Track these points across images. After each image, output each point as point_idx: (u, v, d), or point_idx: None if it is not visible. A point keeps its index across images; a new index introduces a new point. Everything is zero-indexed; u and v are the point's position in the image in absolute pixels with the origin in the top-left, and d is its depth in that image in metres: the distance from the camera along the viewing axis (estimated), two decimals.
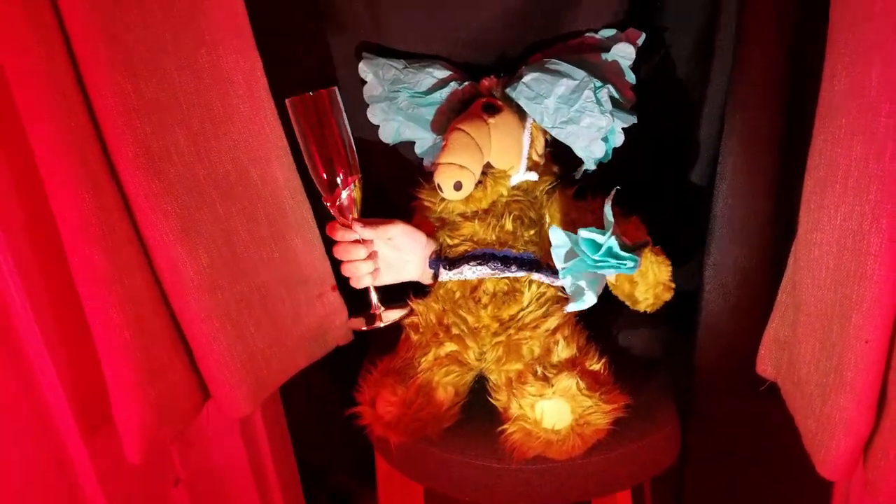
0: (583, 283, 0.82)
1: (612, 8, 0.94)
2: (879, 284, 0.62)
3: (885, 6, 0.56)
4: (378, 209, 1.02)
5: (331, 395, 1.24)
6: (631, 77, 0.94)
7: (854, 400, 0.67)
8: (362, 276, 0.92)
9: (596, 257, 0.79)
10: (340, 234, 0.91)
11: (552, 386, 0.82)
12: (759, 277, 0.82)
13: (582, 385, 0.82)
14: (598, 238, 0.79)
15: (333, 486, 1.38)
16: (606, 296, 0.98)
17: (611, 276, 0.89)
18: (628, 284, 0.89)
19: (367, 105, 1.04)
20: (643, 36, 0.93)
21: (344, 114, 0.90)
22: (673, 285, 0.87)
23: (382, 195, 1.00)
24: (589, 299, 0.82)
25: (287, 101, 0.89)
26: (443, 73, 1.00)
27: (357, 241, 0.91)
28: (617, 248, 0.79)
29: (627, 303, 0.91)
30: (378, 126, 1.05)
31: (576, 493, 0.87)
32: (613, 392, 0.84)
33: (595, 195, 0.94)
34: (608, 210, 0.80)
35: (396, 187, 1.03)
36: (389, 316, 0.96)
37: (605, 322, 0.96)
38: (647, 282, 0.87)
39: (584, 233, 0.80)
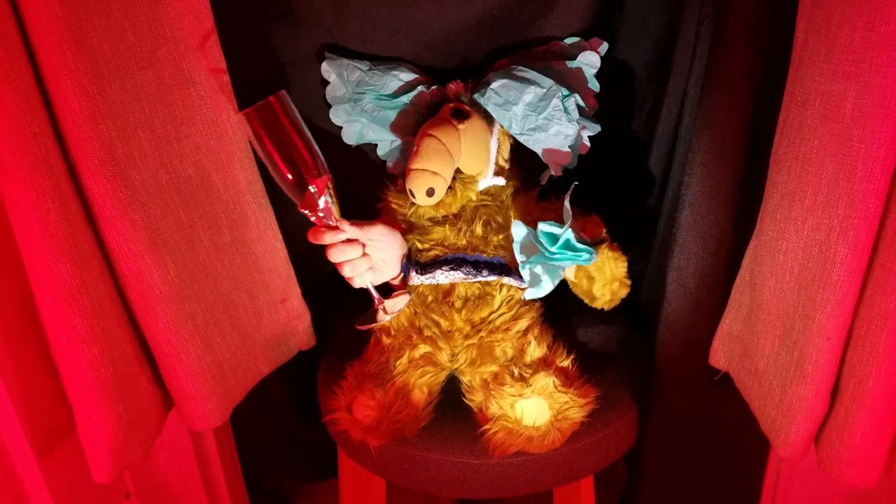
0: (539, 270, 0.85)
1: (580, 18, 0.98)
2: (843, 289, 0.70)
3: (864, 41, 0.63)
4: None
5: (271, 395, 1.22)
6: (595, 85, 0.98)
7: (813, 390, 0.75)
8: (363, 273, 0.90)
9: (553, 249, 0.83)
10: (330, 237, 0.87)
11: (530, 385, 0.86)
12: (717, 279, 0.89)
13: (557, 382, 0.86)
14: (556, 231, 0.83)
15: (271, 486, 1.36)
16: (564, 295, 1.04)
17: (570, 269, 0.92)
18: (586, 281, 0.93)
19: (330, 105, 1.03)
20: (605, 45, 0.97)
21: (298, 115, 0.85)
22: (629, 282, 0.92)
23: (343, 196, 0.99)
24: (546, 286, 0.85)
25: (237, 115, 0.83)
26: (409, 77, 1.00)
27: (349, 241, 0.88)
28: (573, 241, 0.83)
29: (586, 300, 0.95)
30: (340, 127, 1.04)
31: (549, 481, 0.92)
32: (585, 386, 0.89)
33: (557, 196, 0.98)
34: (567, 205, 0.84)
35: (358, 188, 1.02)
36: (395, 307, 0.93)
37: (564, 320, 1.00)
38: (604, 277, 0.91)
39: (542, 226, 0.84)
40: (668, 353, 0.94)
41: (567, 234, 0.83)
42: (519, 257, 0.87)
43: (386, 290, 0.98)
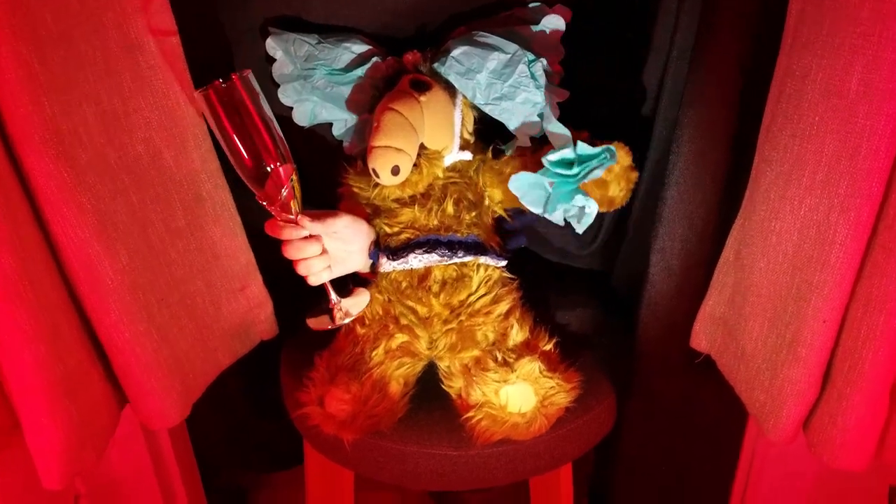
0: (578, 202, 0.79)
1: None
2: (842, 271, 0.68)
3: (874, 12, 0.60)
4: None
5: (226, 385, 1.15)
6: (559, 50, 0.94)
7: (806, 374, 0.74)
8: (320, 272, 0.84)
9: (576, 170, 0.78)
10: (288, 233, 0.81)
11: (514, 371, 0.82)
12: (701, 260, 0.86)
13: (542, 367, 0.83)
14: (565, 153, 0.78)
15: (226, 480, 1.30)
16: (539, 277, 1.00)
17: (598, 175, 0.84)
18: (598, 190, 0.87)
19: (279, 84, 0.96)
20: (569, 13, 0.93)
21: (263, 98, 0.78)
22: (634, 164, 0.88)
23: (308, 180, 0.93)
24: (591, 208, 0.79)
25: (196, 93, 0.76)
26: (362, 48, 0.94)
27: (308, 238, 0.82)
28: (588, 150, 0.78)
29: (604, 208, 0.89)
30: (290, 107, 0.97)
31: (529, 469, 0.89)
32: (569, 371, 0.86)
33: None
34: (554, 126, 0.79)
35: (314, 172, 0.96)
36: (352, 309, 0.88)
37: (540, 302, 0.97)
38: (615, 173, 0.86)
39: (549, 157, 0.78)
40: (650, 335, 0.92)
41: (578, 147, 0.77)
42: (538, 207, 0.81)
43: (355, 280, 0.93)
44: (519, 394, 0.81)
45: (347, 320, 0.87)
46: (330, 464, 0.95)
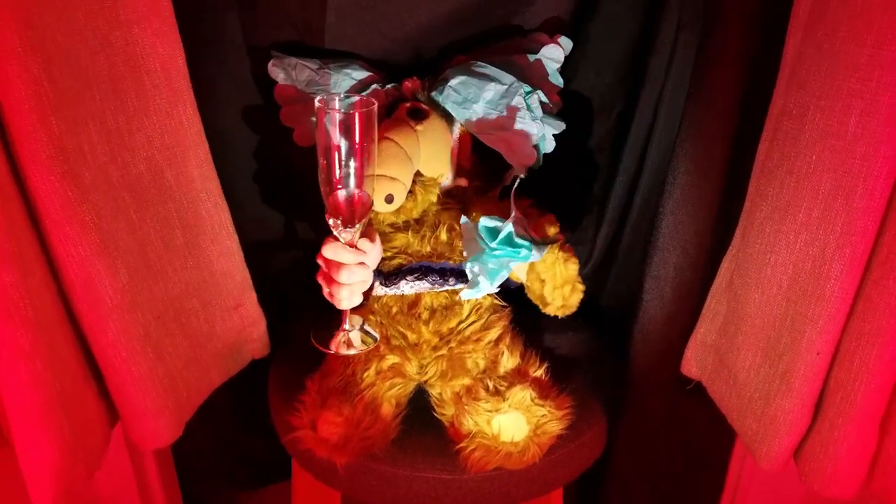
0: (477, 270, 0.82)
1: (551, 16, 0.95)
2: (836, 305, 0.70)
3: (872, 58, 0.62)
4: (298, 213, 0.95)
5: (212, 402, 1.15)
6: (558, 81, 0.95)
7: (799, 404, 0.75)
8: (352, 297, 0.82)
9: (493, 245, 0.80)
10: (353, 257, 0.78)
11: (506, 399, 0.83)
12: (695, 287, 0.88)
13: (534, 395, 0.83)
14: (497, 224, 0.80)
15: (210, 497, 1.28)
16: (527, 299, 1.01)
17: (522, 271, 0.88)
18: (538, 284, 0.89)
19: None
20: (569, 41, 0.95)
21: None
22: (582, 287, 0.89)
23: (303, 198, 0.93)
24: (483, 287, 0.82)
25: (317, 100, 0.73)
26: (361, 74, 0.94)
27: (361, 263, 0.80)
28: (514, 236, 0.80)
29: (540, 305, 0.92)
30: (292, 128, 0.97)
31: (522, 494, 0.89)
32: (560, 397, 0.87)
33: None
34: (511, 198, 0.82)
35: (314, 191, 0.96)
36: (356, 343, 0.85)
37: (530, 325, 0.98)
38: (554, 279, 0.87)
39: (484, 220, 0.81)
40: (642, 361, 0.94)
41: (507, 228, 0.79)
42: (467, 253, 0.83)
43: None
44: (511, 423, 0.82)
45: (348, 352, 0.85)
46: (318, 483, 0.95)
